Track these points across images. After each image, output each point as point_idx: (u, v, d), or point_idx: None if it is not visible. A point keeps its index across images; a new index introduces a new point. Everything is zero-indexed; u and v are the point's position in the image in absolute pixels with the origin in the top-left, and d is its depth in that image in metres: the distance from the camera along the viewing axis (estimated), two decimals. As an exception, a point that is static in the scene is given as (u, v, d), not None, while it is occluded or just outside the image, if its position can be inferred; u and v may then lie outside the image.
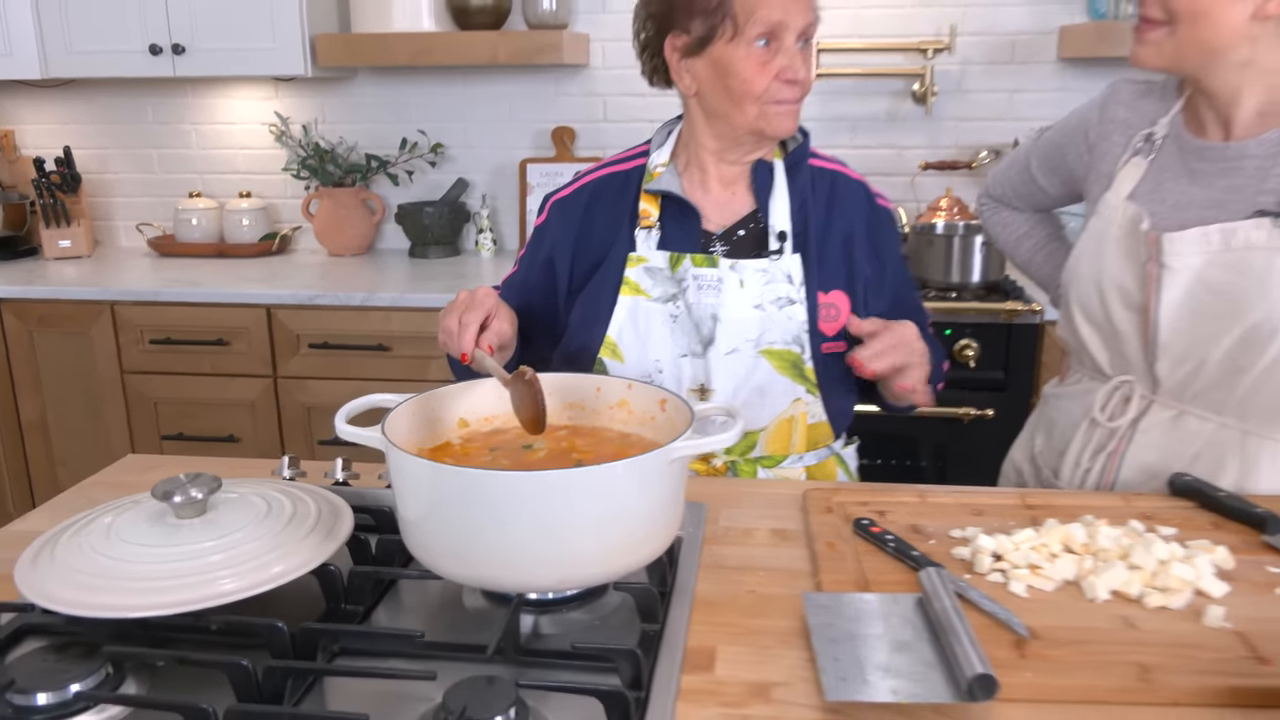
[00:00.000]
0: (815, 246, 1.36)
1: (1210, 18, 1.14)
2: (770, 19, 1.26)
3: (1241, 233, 1.17)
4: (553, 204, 1.45)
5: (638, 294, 1.35)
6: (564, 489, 0.86)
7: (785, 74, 1.27)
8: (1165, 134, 1.28)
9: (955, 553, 1.03)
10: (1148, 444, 1.30)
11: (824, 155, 1.45)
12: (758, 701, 0.83)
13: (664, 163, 1.40)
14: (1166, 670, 0.83)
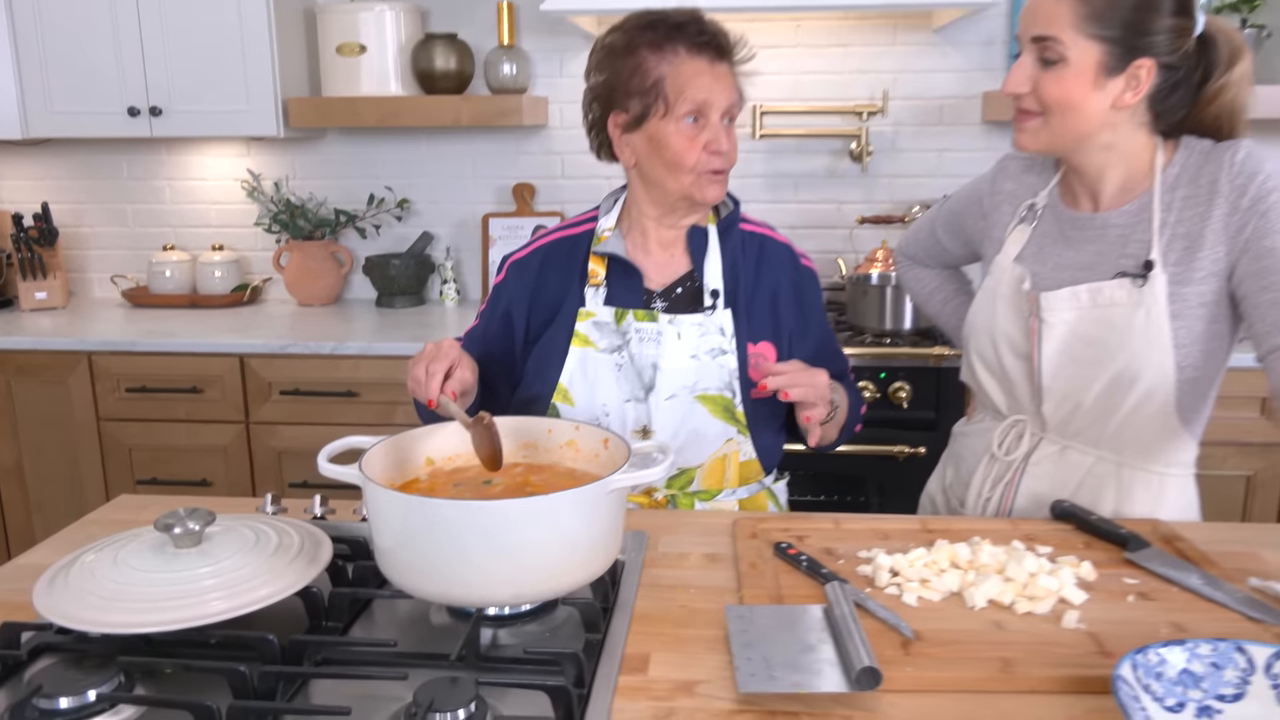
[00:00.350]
0: (745, 302, 1.53)
1: (1076, 109, 1.32)
2: (697, 99, 1.43)
3: (1107, 291, 1.35)
4: (510, 264, 1.60)
5: (587, 345, 1.51)
6: (517, 517, 1.01)
7: (711, 146, 1.44)
8: (1045, 204, 1.46)
9: (860, 570, 1.19)
10: (1039, 475, 1.47)
11: (753, 220, 1.62)
12: (683, 696, 0.97)
13: (611, 227, 1.56)
14: (1026, 663, 0.99)
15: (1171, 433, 1.39)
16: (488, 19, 2.96)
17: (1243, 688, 0.91)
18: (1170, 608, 1.11)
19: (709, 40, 1.45)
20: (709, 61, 1.44)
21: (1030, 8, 1.34)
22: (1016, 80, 1.34)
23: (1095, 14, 1.28)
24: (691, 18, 1.46)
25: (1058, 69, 1.30)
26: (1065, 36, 1.29)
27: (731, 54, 1.48)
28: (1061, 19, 1.29)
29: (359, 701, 0.95)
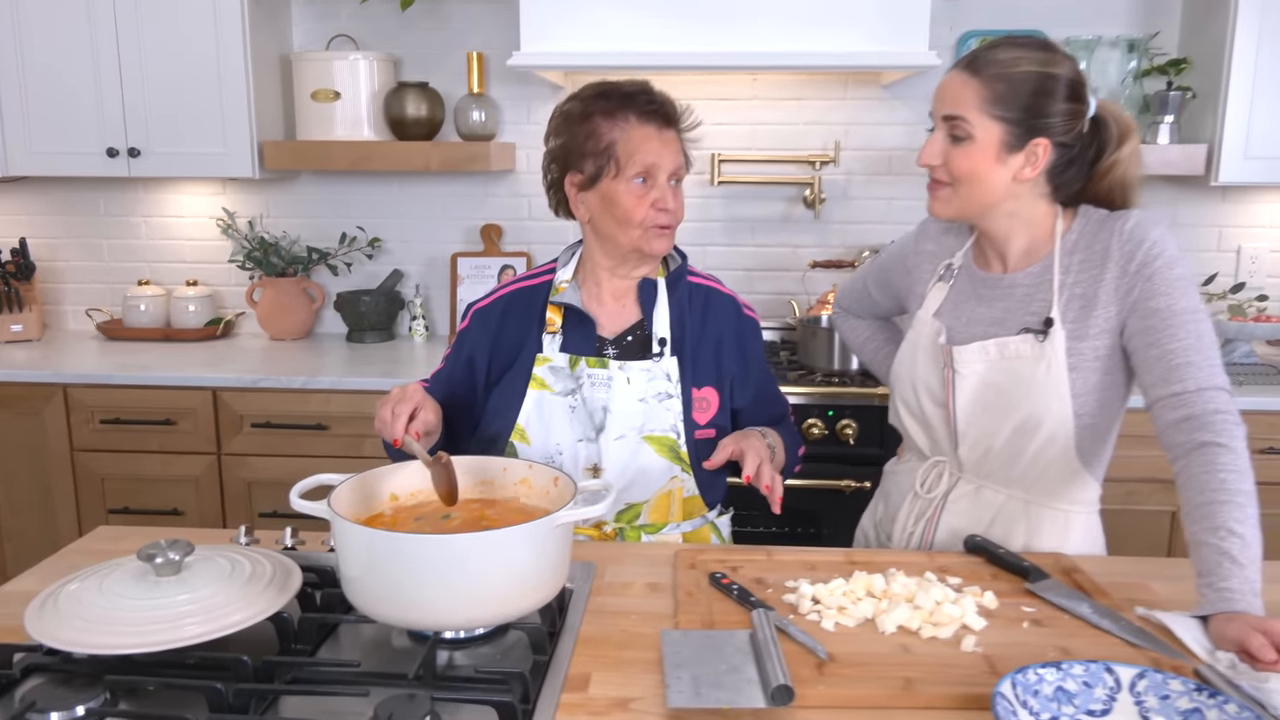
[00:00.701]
0: (690, 350, 1.65)
1: (982, 181, 1.46)
2: (645, 161, 1.56)
3: (1012, 345, 1.49)
4: (474, 312, 1.72)
5: (543, 388, 1.62)
6: (470, 550, 1.12)
7: (658, 204, 1.58)
8: (960, 264, 1.60)
9: (785, 599, 1.31)
10: (957, 511, 1.59)
11: (701, 274, 1.75)
12: (618, 711, 1.08)
13: (568, 279, 1.68)
14: (926, 683, 1.11)
15: (1074, 474, 1.52)
16: (458, 68, 3.09)
17: (1110, 704, 1.04)
18: (1060, 633, 1.23)
19: (657, 109, 1.59)
20: (656, 128, 1.58)
21: (942, 89, 1.48)
22: (930, 154, 1.48)
23: (997, 98, 1.42)
24: (641, 89, 1.60)
25: (965, 145, 1.44)
26: (971, 117, 1.43)
27: (678, 122, 1.62)
28: (968, 101, 1.43)
29: (325, 717, 1.05)
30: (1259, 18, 2.62)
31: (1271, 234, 3.08)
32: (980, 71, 1.44)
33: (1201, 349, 1.36)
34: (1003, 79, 1.43)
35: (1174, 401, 1.35)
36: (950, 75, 1.48)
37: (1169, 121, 2.80)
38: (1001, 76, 1.43)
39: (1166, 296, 1.39)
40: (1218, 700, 0.99)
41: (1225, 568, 1.20)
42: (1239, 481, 1.25)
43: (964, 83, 1.45)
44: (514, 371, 1.65)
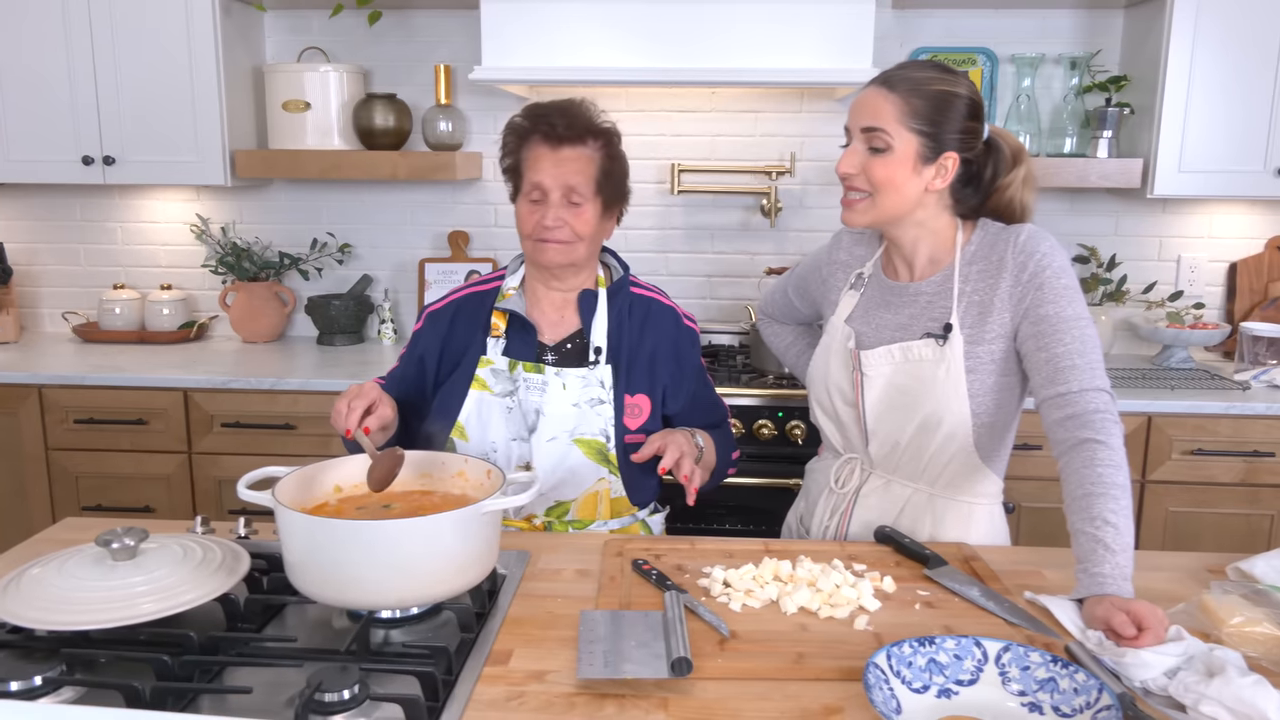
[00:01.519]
0: (626, 358, 1.75)
1: (898, 190, 1.57)
2: (533, 179, 1.67)
3: (915, 349, 1.60)
4: (427, 314, 1.82)
5: (483, 389, 1.72)
6: (402, 535, 1.21)
7: (545, 220, 1.67)
8: (870, 273, 1.71)
9: (700, 583, 1.41)
10: (869, 505, 1.70)
11: (644, 285, 1.86)
12: (534, 682, 1.18)
13: (515, 287, 1.79)
14: (816, 657, 1.21)
15: (975, 468, 1.63)
16: (427, 80, 3.19)
17: (977, 674, 1.14)
18: (948, 614, 1.34)
19: (554, 129, 1.66)
20: (551, 148, 1.66)
21: (860, 103, 1.58)
22: (849, 163, 1.58)
23: (914, 112, 1.54)
24: (551, 109, 1.69)
25: (884, 155, 1.55)
26: (891, 129, 1.54)
27: (583, 141, 1.67)
28: (888, 114, 1.54)
29: (264, 687, 1.14)
30: (1191, 37, 2.74)
31: (1210, 244, 3.20)
32: (897, 88, 1.55)
33: (1085, 353, 1.47)
34: (919, 95, 1.54)
35: (1058, 401, 1.46)
36: (868, 90, 1.58)
37: (1107, 136, 2.93)
38: (917, 93, 1.54)
39: (1055, 304, 1.50)
40: (1069, 670, 1.10)
41: (1099, 554, 1.30)
42: (1114, 475, 1.36)
43: (884, 97, 1.55)
44: (459, 372, 1.75)
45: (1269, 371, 2.80)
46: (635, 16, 2.68)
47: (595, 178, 1.68)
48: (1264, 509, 2.66)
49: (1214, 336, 2.95)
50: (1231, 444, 2.63)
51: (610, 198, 1.72)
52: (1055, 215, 3.19)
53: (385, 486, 1.40)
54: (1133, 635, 1.20)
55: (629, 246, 3.28)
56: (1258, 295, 3.16)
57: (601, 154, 1.69)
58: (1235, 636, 1.25)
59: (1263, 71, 2.75)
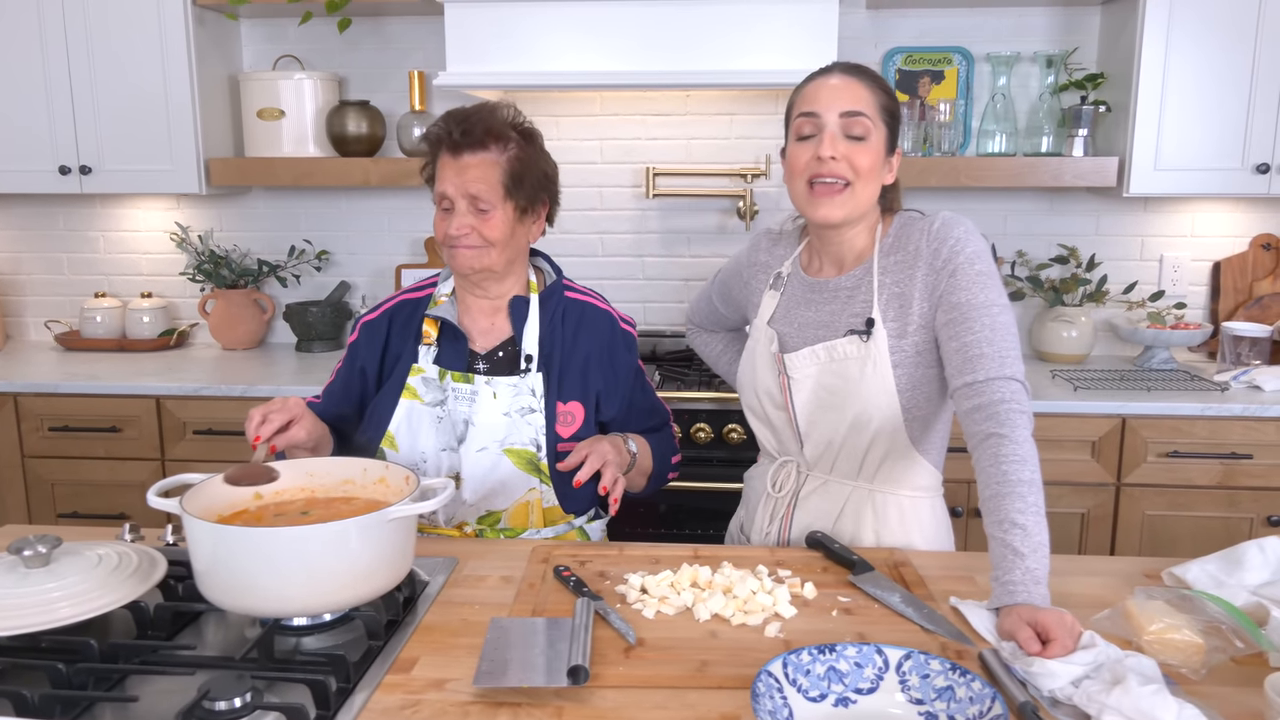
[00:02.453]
0: (558, 365, 1.73)
1: (875, 179, 1.54)
2: (439, 189, 1.67)
3: (840, 347, 1.58)
4: (362, 325, 1.81)
5: (414, 398, 1.72)
6: (305, 542, 1.21)
7: (453, 228, 1.65)
8: (790, 273, 1.69)
9: (619, 589, 1.40)
10: (808, 508, 1.68)
11: (580, 289, 1.84)
12: (432, 690, 1.17)
13: (447, 294, 1.78)
14: (720, 664, 1.20)
15: (912, 462, 1.61)
16: (401, 87, 3.20)
17: (877, 682, 1.12)
18: (864, 620, 1.32)
19: (451, 138, 1.64)
20: (453, 156, 1.64)
21: (836, 89, 1.52)
22: (832, 145, 1.50)
23: (885, 106, 1.54)
24: (456, 116, 1.66)
25: (865, 143, 1.52)
26: (871, 115, 1.52)
27: (481, 148, 1.64)
28: (869, 101, 1.53)
29: (161, 696, 1.14)
30: (1165, 33, 2.71)
31: (1194, 243, 3.16)
32: (863, 77, 1.55)
33: (995, 341, 1.44)
34: (886, 91, 1.55)
35: (967, 391, 1.44)
36: (839, 77, 1.54)
37: (1083, 135, 2.89)
38: (884, 88, 1.55)
39: (967, 291, 1.48)
40: (967, 679, 1.08)
41: (1008, 561, 1.27)
42: (1019, 471, 1.32)
43: (860, 84, 1.53)
44: (392, 380, 1.74)
45: (1249, 372, 2.75)
46: (607, 19, 2.67)
47: (501, 182, 1.65)
48: (1242, 512, 2.62)
49: (1195, 337, 2.91)
50: (1208, 446, 2.59)
51: (526, 201, 1.68)
52: (1034, 215, 3.16)
53: (238, 483, 1.38)
54: (1037, 650, 1.17)
55: (605, 251, 3.28)
56: (1242, 295, 3.12)
57: (508, 157, 1.65)
58: (1155, 643, 1.22)
59: (1239, 68, 2.71)
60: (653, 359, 3.11)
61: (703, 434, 2.65)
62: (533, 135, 1.71)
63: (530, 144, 1.70)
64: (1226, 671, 1.21)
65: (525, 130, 1.70)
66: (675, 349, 3.17)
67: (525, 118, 1.72)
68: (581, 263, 3.29)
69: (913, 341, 1.54)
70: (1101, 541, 2.69)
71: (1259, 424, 2.56)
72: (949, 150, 2.97)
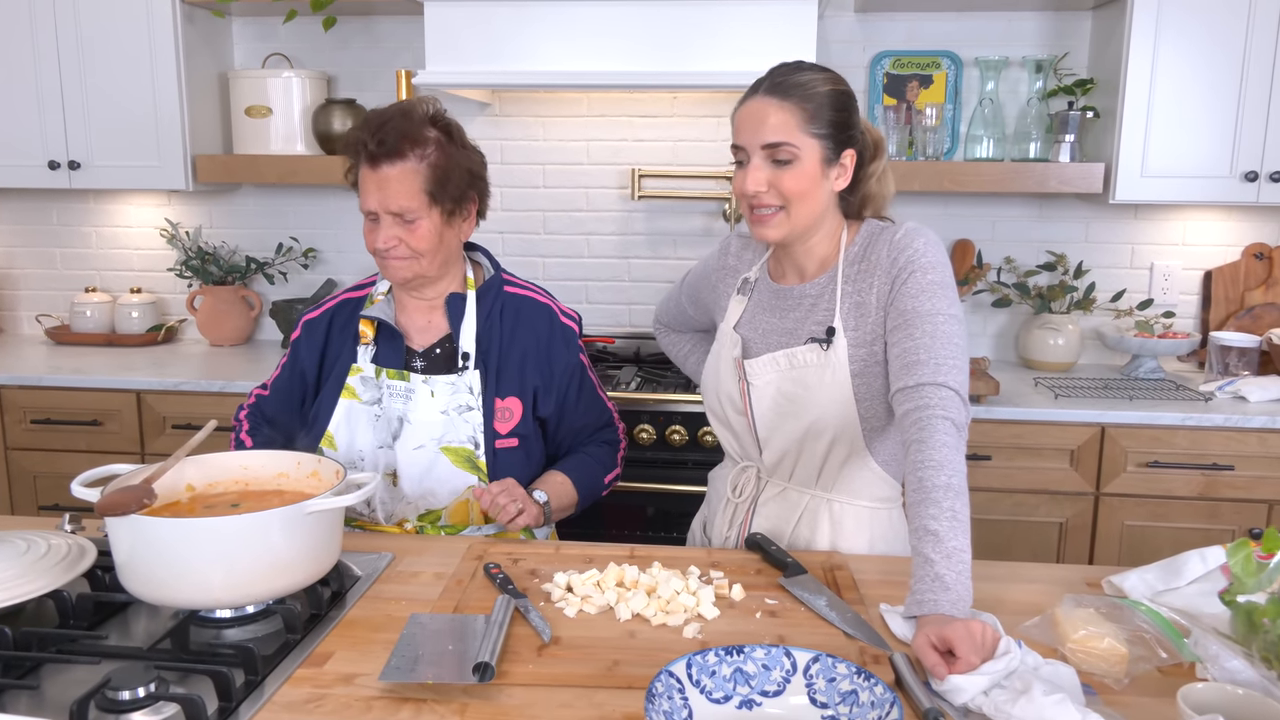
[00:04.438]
0: (496, 361, 1.72)
1: (812, 197, 1.51)
2: (364, 205, 1.64)
3: (800, 355, 1.56)
4: (304, 323, 1.82)
5: (353, 397, 1.72)
6: (224, 533, 1.21)
7: (380, 242, 1.64)
8: (757, 278, 1.67)
9: (545, 587, 1.39)
10: (767, 513, 1.66)
11: (520, 282, 1.82)
12: (341, 685, 1.16)
13: (384, 292, 1.77)
14: (632, 664, 1.18)
15: (870, 472, 1.59)
16: (390, 85, 3.21)
17: (784, 685, 1.11)
18: (786, 623, 1.30)
19: (367, 149, 1.61)
20: (372, 169, 1.61)
21: (755, 119, 1.50)
22: (756, 181, 1.49)
23: (811, 117, 1.49)
24: (370, 124, 1.62)
25: (792, 167, 1.49)
26: (794, 139, 1.48)
27: (399, 157, 1.60)
28: (788, 125, 1.49)
29: (65, 685, 1.14)
30: (1152, 40, 2.67)
31: (1184, 252, 3.11)
32: (789, 95, 1.50)
33: (934, 348, 1.41)
34: (811, 99, 1.50)
35: (900, 397, 1.42)
36: (758, 103, 1.51)
37: (1069, 140, 2.86)
38: (809, 97, 1.50)
39: (914, 299, 1.46)
40: (870, 683, 1.06)
41: (921, 569, 1.25)
42: (935, 476, 1.29)
43: (779, 108, 1.49)
44: (333, 380, 1.75)
45: (1235, 382, 2.71)
46: (593, 19, 2.67)
47: (424, 190, 1.62)
48: (1223, 524, 2.58)
49: (1182, 346, 2.87)
50: (1189, 456, 2.55)
51: (453, 203, 1.66)
52: (1023, 221, 3.13)
53: (111, 511, 1.23)
54: (942, 675, 1.14)
55: (590, 252, 3.27)
56: (1234, 304, 3.07)
57: (428, 163, 1.62)
58: (1077, 651, 1.20)
59: (1227, 75, 2.67)
60: (635, 361, 3.11)
61: (677, 436, 2.64)
62: (452, 131, 1.67)
63: (451, 142, 1.66)
64: (1150, 681, 1.18)
65: (444, 127, 1.66)
66: (658, 351, 3.15)
67: (444, 111, 1.68)
68: (567, 264, 3.29)
69: (871, 351, 1.52)
70: (1079, 551, 2.65)
71: (1241, 435, 2.52)
72: (935, 155, 2.94)
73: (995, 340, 3.21)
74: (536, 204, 3.26)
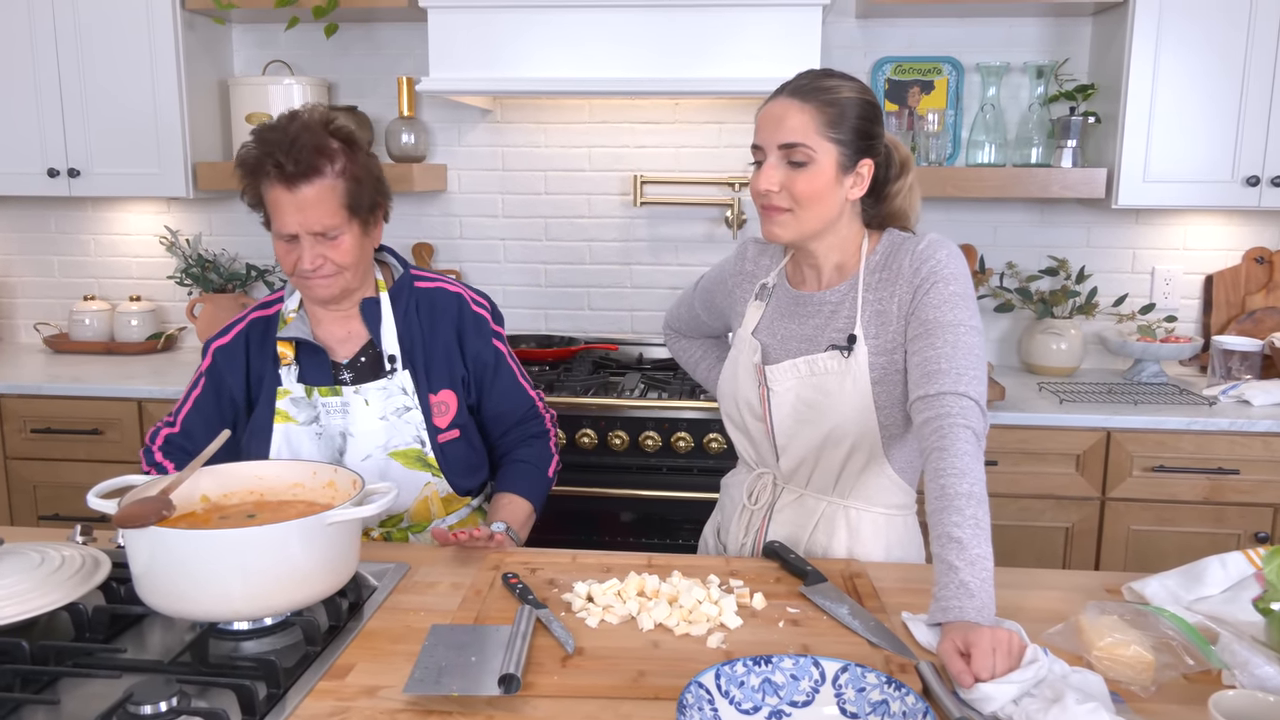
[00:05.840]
0: (423, 358, 1.72)
1: (823, 201, 1.51)
2: (285, 228, 1.59)
3: (820, 362, 1.56)
4: (215, 349, 1.75)
5: (288, 420, 1.70)
6: (242, 544, 1.20)
7: (303, 263, 1.60)
8: (775, 284, 1.67)
9: (565, 597, 1.38)
10: (783, 520, 1.65)
11: (430, 275, 1.81)
12: (365, 697, 1.15)
13: (295, 309, 1.74)
14: (658, 675, 1.18)
15: (887, 479, 1.59)
16: (391, 93, 3.20)
17: (813, 695, 1.10)
18: (810, 632, 1.29)
19: (282, 170, 1.55)
20: (288, 189, 1.55)
21: (775, 119, 1.51)
22: (769, 180, 1.50)
23: (831, 121, 1.49)
24: (277, 141, 1.55)
25: (807, 169, 1.49)
26: (811, 142, 1.48)
27: (317, 174, 1.55)
28: (807, 127, 1.48)
29: (85, 698, 1.13)
30: (1154, 46, 2.68)
31: (1186, 256, 3.12)
32: (810, 98, 1.50)
33: (955, 358, 1.41)
34: (834, 104, 1.50)
35: (920, 405, 1.41)
36: (780, 104, 1.51)
37: (1071, 146, 2.86)
38: (832, 101, 1.50)
39: (936, 309, 1.46)
40: (901, 692, 1.06)
41: (945, 576, 1.25)
42: (958, 484, 1.29)
43: (799, 109, 1.50)
44: (260, 407, 1.71)
45: (1238, 386, 2.72)
46: (595, 26, 2.66)
47: (344, 205, 1.59)
48: (1229, 528, 2.58)
49: (1184, 350, 2.87)
50: (1195, 461, 2.55)
51: (368, 211, 1.65)
52: (1024, 226, 3.13)
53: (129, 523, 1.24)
54: (969, 684, 1.13)
55: (592, 259, 3.27)
56: (1235, 308, 3.08)
57: (344, 177, 1.59)
58: (1104, 659, 1.20)
59: (1229, 80, 2.68)
60: (638, 367, 3.10)
61: (683, 443, 2.63)
62: (354, 139, 1.64)
63: (355, 150, 1.63)
64: (1176, 688, 1.18)
65: (345, 136, 1.63)
66: (661, 358, 3.15)
67: (335, 118, 1.64)
68: (568, 270, 3.28)
69: (892, 360, 1.52)
70: (1086, 556, 2.65)
71: (1246, 439, 2.52)
72: (937, 160, 2.94)
73: (998, 345, 3.21)
74: (538, 210, 3.26)
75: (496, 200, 3.27)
